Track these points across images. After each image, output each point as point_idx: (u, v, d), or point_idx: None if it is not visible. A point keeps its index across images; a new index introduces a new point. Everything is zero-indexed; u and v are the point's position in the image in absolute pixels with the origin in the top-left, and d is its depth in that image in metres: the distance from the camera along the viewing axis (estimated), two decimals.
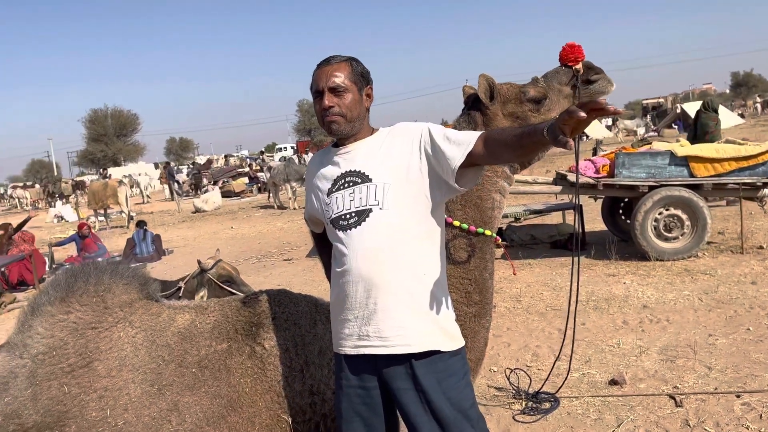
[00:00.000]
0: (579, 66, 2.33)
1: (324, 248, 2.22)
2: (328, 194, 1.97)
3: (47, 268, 10.11)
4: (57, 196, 29.41)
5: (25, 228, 11.37)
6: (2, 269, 9.17)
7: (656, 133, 29.38)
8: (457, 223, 2.35)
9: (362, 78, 1.99)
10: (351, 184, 1.93)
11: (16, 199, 35.56)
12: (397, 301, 1.86)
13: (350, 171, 1.95)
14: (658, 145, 7.76)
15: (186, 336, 2.29)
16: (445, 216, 2.29)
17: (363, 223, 1.88)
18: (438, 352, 1.88)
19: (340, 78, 1.93)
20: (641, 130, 34.40)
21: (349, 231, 1.90)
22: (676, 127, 33.49)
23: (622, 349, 4.52)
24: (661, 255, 6.94)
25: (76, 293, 2.35)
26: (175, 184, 24.54)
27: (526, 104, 2.34)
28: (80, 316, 2.30)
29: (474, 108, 2.42)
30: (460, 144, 1.82)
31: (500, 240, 2.51)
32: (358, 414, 1.93)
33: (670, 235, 6.98)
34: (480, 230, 2.35)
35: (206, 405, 2.17)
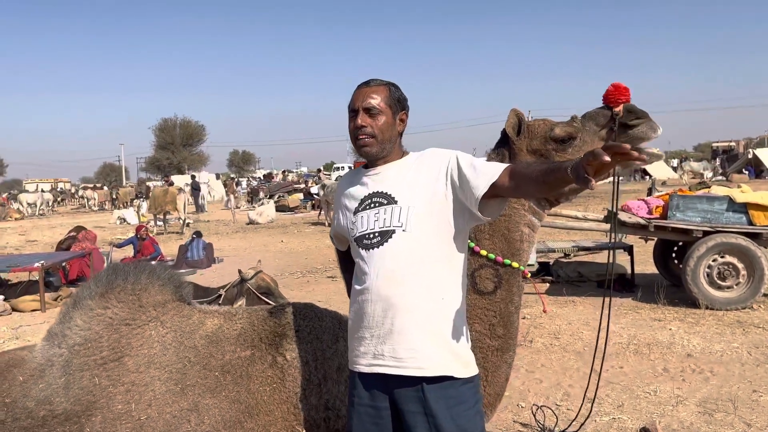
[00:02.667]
0: (619, 108, 2.28)
1: (347, 266, 2.27)
2: (355, 213, 2.03)
3: (105, 267, 10.56)
4: (143, 197, 30.30)
5: (89, 227, 11.94)
6: (64, 264, 9.65)
7: (724, 177, 28.30)
8: (484, 252, 2.35)
9: (398, 103, 2.05)
10: (377, 204, 1.98)
11: (85, 200, 37.37)
12: (414, 323, 1.88)
13: (377, 192, 2.00)
14: (717, 190, 7.49)
15: (213, 340, 2.38)
16: (473, 245, 2.31)
17: (385, 244, 1.92)
18: (450, 377, 1.89)
19: (376, 100, 2.00)
20: (708, 174, 33.21)
21: (371, 250, 1.94)
22: (746, 172, 32.19)
23: (659, 397, 4.36)
24: (713, 303, 6.66)
25: (115, 290, 2.48)
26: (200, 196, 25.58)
27: (550, 143, 2.33)
28: (116, 312, 2.43)
29: (505, 142, 2.44)
30: (485, 174, 1.85)
31: (529, 274, 2.49)
32: None
33: (723, 283, 6.70)
34: (507, 261, 2.34)
35: (225, 409, 2.24)
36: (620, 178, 2.66)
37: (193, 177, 31.95)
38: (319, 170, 35.51)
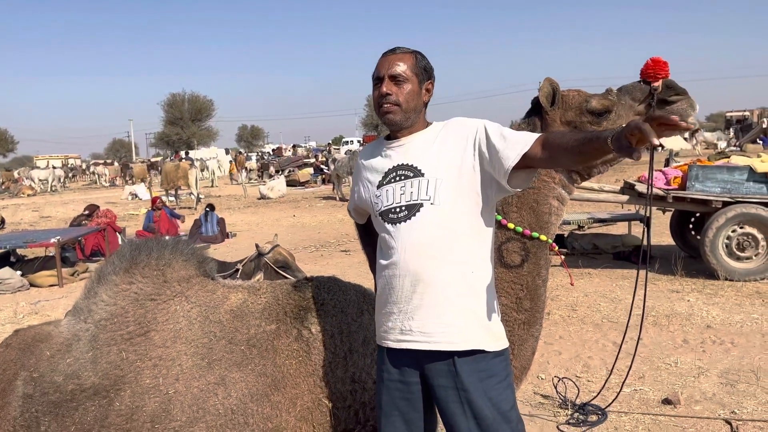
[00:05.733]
0: (658, 84, 2.22)
1: (368, 240, 2.23)
2: (378, 186, 1.98)
3: (120, 242, 10.62)
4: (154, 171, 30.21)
5: (101, 203, 11.98)
6: (79, 239, 9.71)
7: (738, 148, 27.90)
8: (511, 225, 2.31)
9: (424, 72, 1.98)
10: (402, 177, 1.93)
11: (96, 176, 37.48)
12: (443, 298, 1.85)
13: (402, 164, 1.95)
14: (737, 160, 7.37)
15: (238, 314, 2.37)
16: (500, 218, 2.27)
17: (413, 218, 1.88)
18: (481, 351, 1.86)
19: (401, 68, 1.93)
20: (722, 144, 32.73)
21: (398, 224, 1.90)
22: (761, 142, 31.63)
23: (680, 368, 4.35)
24: (731, 275, 6.61)
25: (139, 265, 2.47)
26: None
27: (585, 115, 2.27)
28: (141, 287, 2.42)
29: (536, 112, 2.38)
30: (516, 144, 1.79)
31: (557, 247, 2.45)
32: (397, 408, 1.94)
33: (742, 254, 6.64)
34: (535, 234, 2.30)
35: (251, 382, 2.23)
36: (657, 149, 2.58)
37: (186, 153, 31.26)
38: (329, 144, 35.32)
